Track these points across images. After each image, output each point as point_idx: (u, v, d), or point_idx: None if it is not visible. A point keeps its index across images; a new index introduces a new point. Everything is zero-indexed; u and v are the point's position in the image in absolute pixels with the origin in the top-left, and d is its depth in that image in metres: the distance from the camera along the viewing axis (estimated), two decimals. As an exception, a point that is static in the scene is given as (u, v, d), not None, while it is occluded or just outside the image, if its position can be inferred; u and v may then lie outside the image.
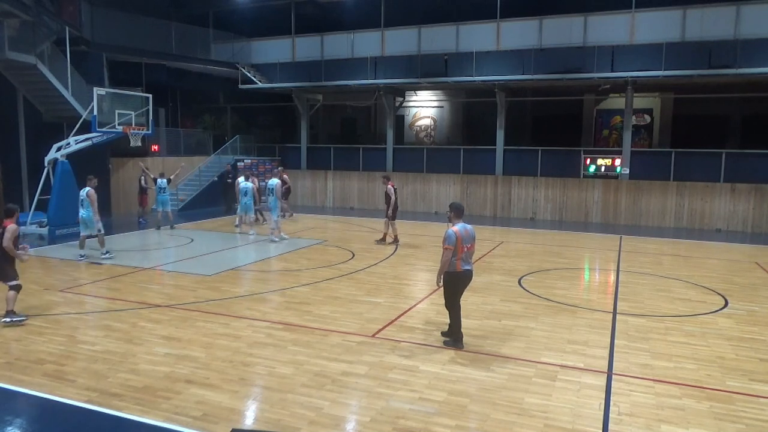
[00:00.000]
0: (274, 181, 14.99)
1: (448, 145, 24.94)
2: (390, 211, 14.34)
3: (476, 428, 5.06)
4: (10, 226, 7.73)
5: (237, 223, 16.52)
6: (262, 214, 17.89)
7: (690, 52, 17.53)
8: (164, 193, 16.24)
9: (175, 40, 22.62)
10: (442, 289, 7.21)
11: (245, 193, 15.74)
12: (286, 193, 18.52)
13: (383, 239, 14.61)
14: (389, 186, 14.45)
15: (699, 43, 17.48)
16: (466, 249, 6.89)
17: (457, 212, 7.06)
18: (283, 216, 17.29)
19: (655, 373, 6.33)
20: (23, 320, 7.87)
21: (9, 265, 7.84)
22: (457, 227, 6.90)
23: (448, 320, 7.21)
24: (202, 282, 10.35)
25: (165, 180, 16.31)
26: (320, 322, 7.98)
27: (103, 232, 12.32)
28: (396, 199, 14.47)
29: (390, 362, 6.52)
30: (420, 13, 22.29)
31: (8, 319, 7.77)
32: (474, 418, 5.24)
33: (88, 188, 12.05)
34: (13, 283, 7.88)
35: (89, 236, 12.30)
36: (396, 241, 14.52)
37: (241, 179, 16.61)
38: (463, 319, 7.44)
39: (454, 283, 7.00)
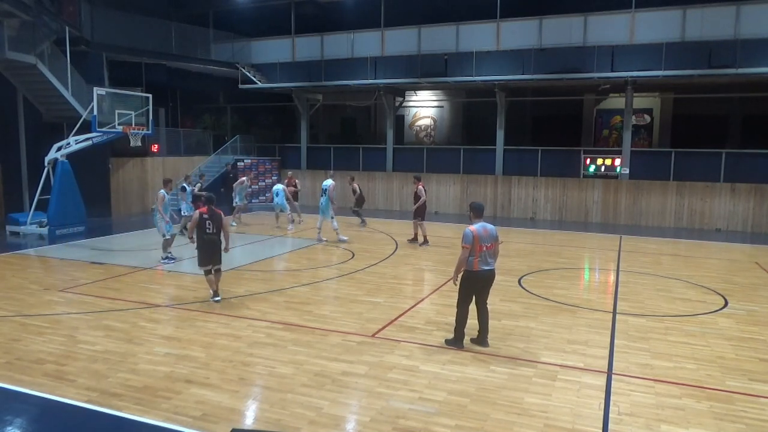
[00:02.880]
0: (328, 182, 14.95)
1: (448, 145, 24.94)
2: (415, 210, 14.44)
3: (476, 428, 5.06)
4: (221, 214, 8.74)
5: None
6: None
7: (690, 52, 17.52)
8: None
9: (175, 40, 22.61)
10: (465, 289, 7.00)
11: (277, 194, 16.81)
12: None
13: (414, 239, 14.62)
14: (420, 186, 14.43)
15: (699, 43, 17.47)
16: (485, 248, 6.78)
17: (476, 212, 7.01)
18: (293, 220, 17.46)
19: (655, 373, 6.33)
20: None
21: (220, 249, 8.77)
22: (476, 226, 6.83)
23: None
24: (202, 282, 10.32)
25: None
26: (320, 322, 7.98)
27: (167, 237, 11.84)
28: (425, 199, 14.48)
29: (390, 362, 6.52)
30: (420, 13, 22.28)
31: (218, 298, 8.88)
32: (474, 418, 5.24)
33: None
34: (219, 266, 8.87)
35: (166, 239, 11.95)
36: (425, 242, 14.38)
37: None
38: (463, 319, 7.46)
39: (470, 282, 6.90)
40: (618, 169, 19.72)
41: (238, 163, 23.48)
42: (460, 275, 6.94)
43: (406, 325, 7.94)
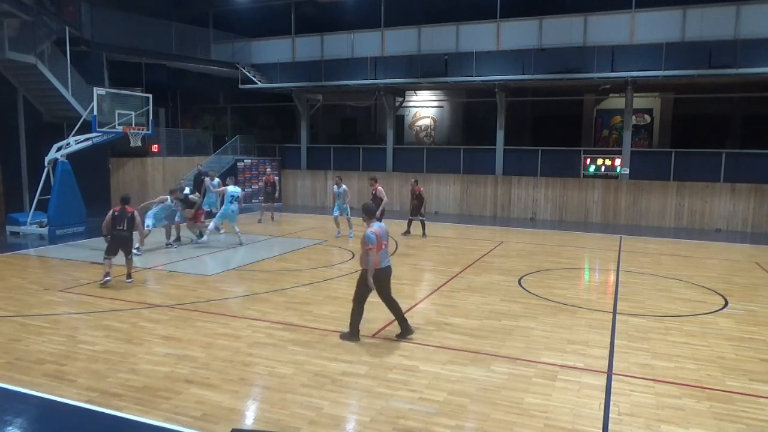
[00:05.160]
0: (238, 189, 14.49)
1: (448, 145, 24.95)
2: (379, 214, 13.75)
3: (476, 428, 5.06)
4: (136, 212, 10.13)
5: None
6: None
7: (690, 52, 17.53)
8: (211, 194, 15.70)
9: (175, 40, 22.61)
10: (367, 286, 7.12)
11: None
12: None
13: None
14: (378, 188, 13.76)
15: (699, 43, 17.48)
16: (384, 246, 7.16)
17: (370, 213, 7.34)
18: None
19: (655, 373, 6.33)
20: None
21: (131, 242, 10.22)
22: (374, 227, 7.10)
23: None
24: (202, 282, 10.35)
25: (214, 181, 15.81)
26: (320, 322, 7.98)
27: (149, 228, 12.86)
28: (387, 201, 13.58)
29: (390, 362, 6.52)
30: (420, 13, 22.28)
31: (131, 280, 10.03)
32: (474, 418, 5.24)
33: None
34: (130, 255, 10.17)
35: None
36: None
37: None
38: (463, 319, 7.49)
39: (379, 278, 7.12)
40: (618, 169, 19.72)
41: (238, 164, 23.51)
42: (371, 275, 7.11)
43: (406, 325, 7.93)
